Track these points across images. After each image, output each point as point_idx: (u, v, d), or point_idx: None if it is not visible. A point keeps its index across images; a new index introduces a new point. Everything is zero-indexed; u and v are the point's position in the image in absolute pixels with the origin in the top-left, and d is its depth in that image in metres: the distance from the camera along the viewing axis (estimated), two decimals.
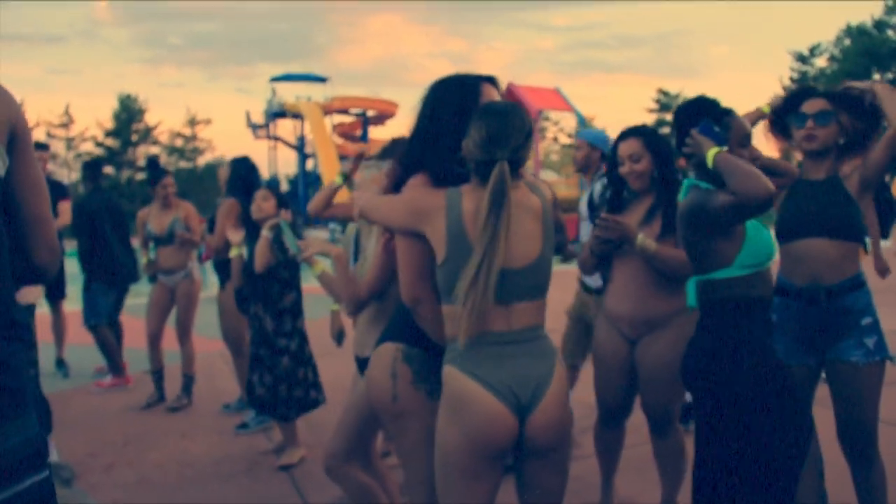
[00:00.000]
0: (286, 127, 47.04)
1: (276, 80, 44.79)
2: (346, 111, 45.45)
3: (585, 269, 3.39)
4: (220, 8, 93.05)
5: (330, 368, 5.94)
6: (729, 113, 2.56)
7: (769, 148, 3.10)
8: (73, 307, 7.54)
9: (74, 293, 7.10)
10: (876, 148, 2.83)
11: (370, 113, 45.10)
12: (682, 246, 2.56)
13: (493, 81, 2.34)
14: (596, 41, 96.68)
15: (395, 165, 2.40)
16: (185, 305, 5.94)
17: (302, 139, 44.60)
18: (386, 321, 2.72)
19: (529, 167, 2.46)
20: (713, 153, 2.36)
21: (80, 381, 6.73)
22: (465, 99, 2.25)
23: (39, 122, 51.61)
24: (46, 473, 1.57)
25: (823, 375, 2.98)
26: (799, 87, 3.12)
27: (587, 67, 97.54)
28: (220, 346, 6.22)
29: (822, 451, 2.87)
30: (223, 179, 5.51)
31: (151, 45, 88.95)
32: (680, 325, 3.08)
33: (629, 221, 3.09)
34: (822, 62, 46.65)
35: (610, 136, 4.27)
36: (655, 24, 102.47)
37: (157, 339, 5.98)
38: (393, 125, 45.20)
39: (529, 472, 2.21)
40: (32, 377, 3.05)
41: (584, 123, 26.88)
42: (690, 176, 2.58)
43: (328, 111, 42.46)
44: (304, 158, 44.75)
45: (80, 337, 7.41)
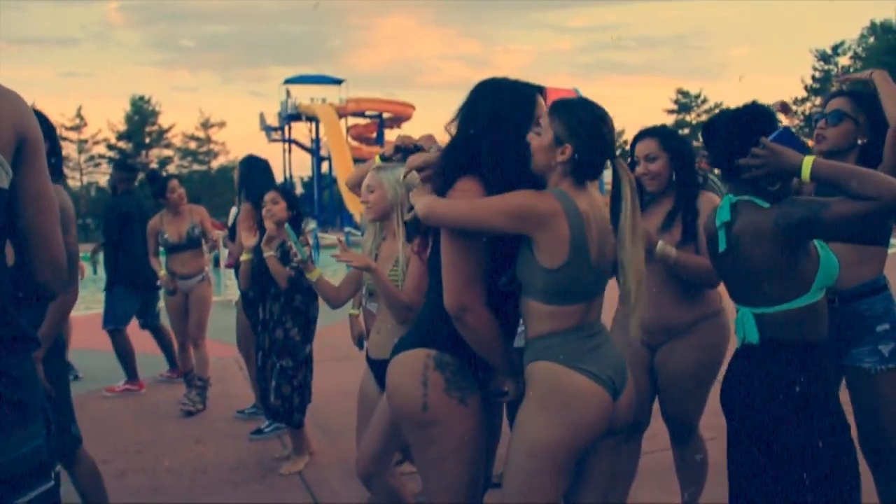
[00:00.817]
0: (301, 129, 47.26)
1: (290, 81, 44.99)
2: (361, 113, 45.61)
3: None
4: (232, 10, 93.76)
5: (338, 374, 5.95)
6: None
7: None
8: (82, 312, 7.53)
9: (87, 296, 7.09)
10: (885, 151, 2.75)
11: (386, 115, 45.19)
12: (738, 264, 2.28)
13: (542, 92, 2.35)
14: (614, 42, 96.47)
15: (438, 168, 2.32)
16: (200, 308, 5.94)
17: (317, 141, 44.76)
18: (409, 324, 2.76)
19: None
20: (810, 161, 2.14)
21: (92, 385, 6.69)
22: (524, 111, 2.25)
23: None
24: (52, 483, 1.60)
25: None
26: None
27: (605, 69, 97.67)
28: (233, 351, 6.19)
29: None
30: (237, 181, 5.46)
31: (164, 47, 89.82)
32: (701, 332, 3.05)
33: (648, 227, 2.97)
34: (845, 61, 46.47)
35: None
36: (674, 25, 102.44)
37: (186, 342, 6.02)
38: (409, 127, 45.23)
39: (602, 455, 2.26)
40: (62, 385, 3.05)
41: None
42: (724, 189, 2.45)
43: (343, 113, 42.62)
44: (318, 161, 44.90)
45: (94, 341, 7.41)
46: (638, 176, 3.07)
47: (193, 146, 59.92)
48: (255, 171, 5.20)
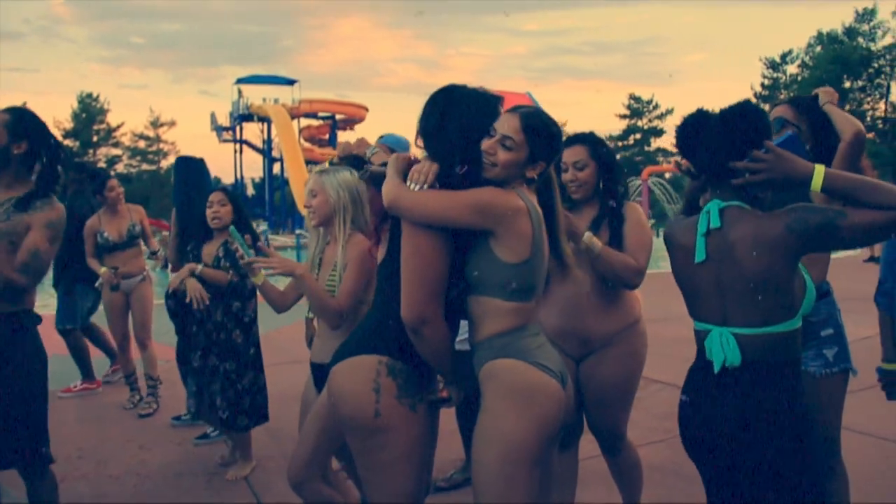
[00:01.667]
0: (252, 130, 46.84)
1: (242, 81, 44.50)
2: (314, 115, 45.29)
3: None
4: (184, 8, 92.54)
5: (288, 377, 5.87)
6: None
7: None
8: None
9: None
10: (835, 162, 2.80)
11: (339, 117, 44.93)
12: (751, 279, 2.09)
13: (501, 102, 2.35)
14: (569, 47, 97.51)
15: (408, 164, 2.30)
16: (142, 308, 5.87)
17: (269, 142, 44.35)
18: (348, 327, 2.79)
19: None
20: (822, 170, 2.01)
21: None
22: (490, 120, 2.23)
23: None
24: None
25: None
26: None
27: (559, 73, 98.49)
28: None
29: None
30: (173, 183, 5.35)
31: (113, 44, 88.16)
32: (624, 341, 3.06)
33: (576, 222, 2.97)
34: (793, 69, 47.58)
35: None
36: (629, 30, 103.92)
37: (127, 342, 5.93)
38: (362, 129, 45.04)
39: (549, 454, 2.29)
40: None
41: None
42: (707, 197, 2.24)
43: (295, 114, 42.28)
44: (270, 162, 44.49)
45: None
46: (564, 182, 3.04)
47: (143, 145, 58.95)
48: (192, 171, 5.09)
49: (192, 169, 5.10)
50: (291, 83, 44.62)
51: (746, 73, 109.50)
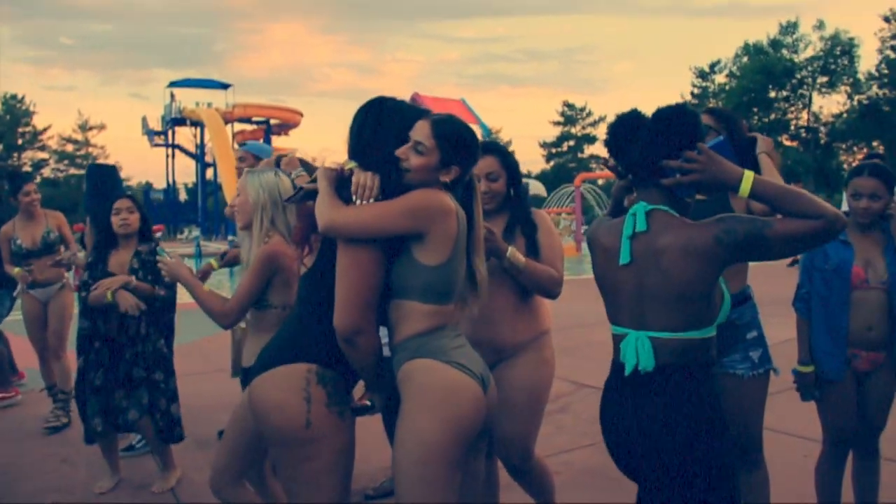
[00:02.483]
0: (185, 134, 46.08)
1: (174, 85, 43.69)
2: (248, 119, 44.71)
3: None
4: (116, 8, 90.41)
5: (214, 386, 5.76)
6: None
7: None
8: None
9: None
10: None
11: (273, 121, 44.47)
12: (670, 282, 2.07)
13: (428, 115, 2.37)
14: (503, 54, 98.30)
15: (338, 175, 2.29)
16: (59, 317, 5.67)
17: (201, 147, 43.60)
18: (267, 330, 2.81)
19: None
20: (751, 176, 2.01)
21: None
22: (405, 130, 2.25)
23: None
24: None
25: None
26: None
27: (494, 80, 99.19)
28: None
29: None
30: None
31: (39, 44, 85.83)
32: (534, 350, 3.04)
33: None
34: (721, 78, 48.84)
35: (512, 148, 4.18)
36: (562, 39, 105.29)
37: (45, 353, 5.71)
38: (297, 134, 44.65)
39: (476, 458, 2.33)
40: None
41: (489, 135, 27.14)
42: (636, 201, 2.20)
43: (229, 119, 41.66)
44: (203, 167, 43.75)
45: None
46: None
47: (70, 149, 57.34)
48: (105, 179, 4.99)
49: (104, 176, 5.02)
50: (225, 87, 43.97)
51: (676, 81, 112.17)
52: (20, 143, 53.84)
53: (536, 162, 61.21)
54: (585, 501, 3.78)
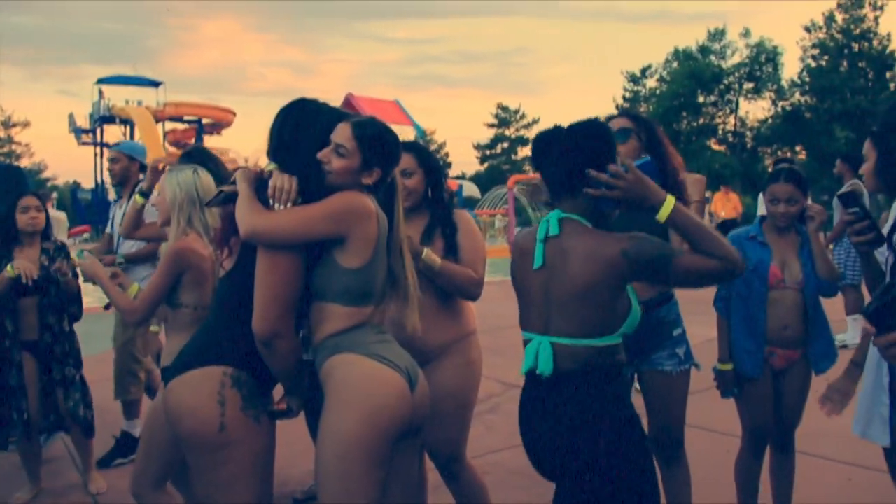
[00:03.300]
0: (114, 132, 44.75)
1: (103, 81, 42.49)
2: (179, 118, 43.80)
3: None
4: (43, 1, 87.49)
5: None
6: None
7: None
8: None
9: None
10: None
11: (205, 121, 43.64)
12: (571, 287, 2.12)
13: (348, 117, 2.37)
14: (438, 55, 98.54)
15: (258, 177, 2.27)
16: None
17: None
18: (181, 330, 2.78)
19: None
20: (672, 202, 2.08)
21: None
22: (326, 132, 2.25)
23: None
24: None
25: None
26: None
27: (429, 81, 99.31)
28: None
29: None
30: None
31: None
32: (459, 352, 3.01)
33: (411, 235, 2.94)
34: (652, 83, 49.73)
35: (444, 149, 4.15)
36: (498, 41, 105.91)
37: None
38: (229, 134, 43.94)
39: (406, 457, 2.30)
40: None
41: (423, 136, 27.14)
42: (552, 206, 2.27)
43: (160, 117, 40.77)
44: None
45: None
46: None
47: None
48: (10, 180, 4.90)
49: (10, 177, 4.94)
50: (156, 85, 42.97)
51: (609, 85, 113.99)
52: None
53: (471, 163, 61.53)
54: (515, 501, 3.82)
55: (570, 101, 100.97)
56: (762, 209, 3.39)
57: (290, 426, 2.62)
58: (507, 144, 64.13)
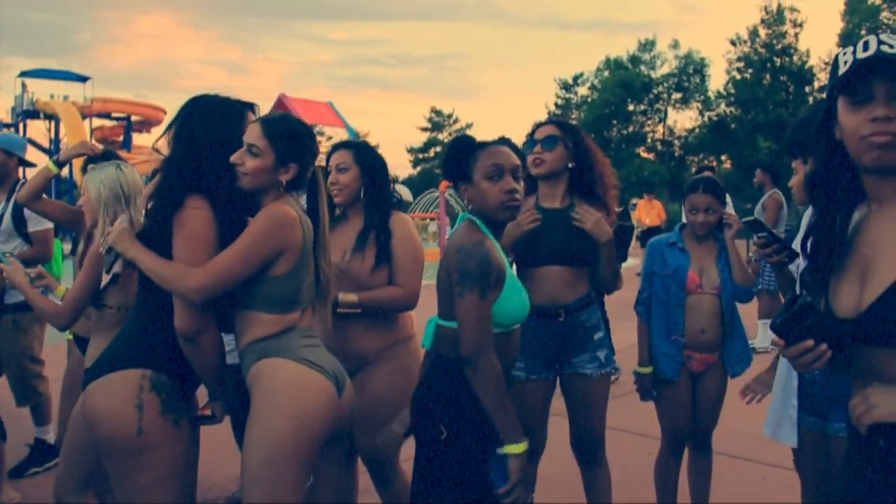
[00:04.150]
0: (38, 128, 43.27)
1: (26, 74, 40.99)
2: (107, 115, 42.57)
3: None
4: None
5: None
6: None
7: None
8: None
9: None
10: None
11: (134, 118, 42.50)
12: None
13: (253, 109, 2.38)
14: (374, 58, 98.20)
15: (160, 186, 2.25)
16: None
17: (56, 142, 41.17)
18: (106, 331, 2.69)
19: None
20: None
21: None
22: (236, 129, 2.25)
23: None
24: None
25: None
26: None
27: (364, 83, 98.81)
28: None
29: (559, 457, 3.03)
30: None
31: None
32: (394, 357, 2.99)
33: (340, 244, 2.95)
34: (584, 91, 50.45)
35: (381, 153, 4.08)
36: (434, 45, 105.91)
37: None
38: (159, 132, 42.98)
39: (331, 461, 2.31)
40: None
41: (356, 138, 26.89)
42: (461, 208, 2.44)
43: (87, 114, 39.56)
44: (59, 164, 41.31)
45: None
46: (328, 184, 3.02)
47: None
48: None
49: None
50: (84, 80, 41.67)
51: (543, 92, 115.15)
52: None
53: (403, 167, 61.31)
54: None
55: (503, 106, 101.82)
56: (685, 218, 3.49)
57: (214, 431, 2.60)
58: (439, 148, 64.06)
